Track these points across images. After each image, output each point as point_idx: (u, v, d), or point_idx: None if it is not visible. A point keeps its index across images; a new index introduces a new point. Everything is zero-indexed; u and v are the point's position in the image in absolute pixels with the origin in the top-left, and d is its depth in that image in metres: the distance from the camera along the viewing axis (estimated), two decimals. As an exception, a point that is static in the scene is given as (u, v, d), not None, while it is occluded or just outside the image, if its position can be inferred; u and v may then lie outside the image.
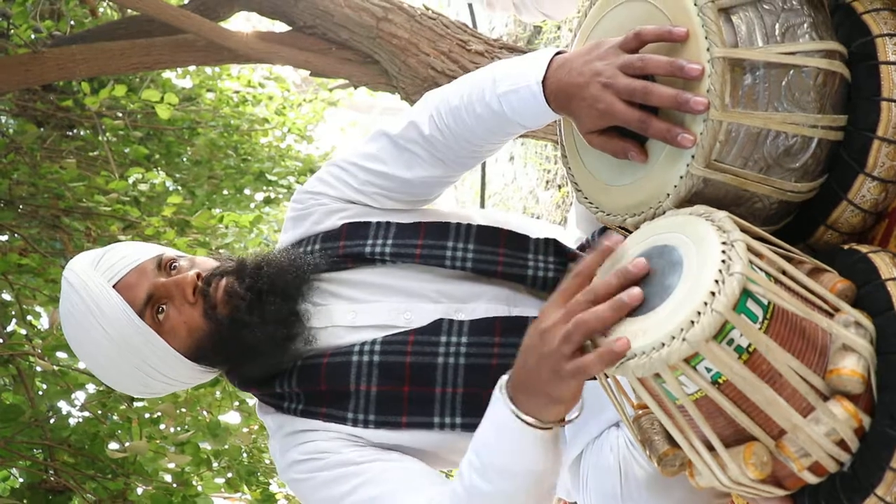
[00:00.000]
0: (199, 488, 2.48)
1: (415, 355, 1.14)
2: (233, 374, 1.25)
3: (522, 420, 0.90)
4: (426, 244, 1.19)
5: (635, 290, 0.80)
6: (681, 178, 0.90)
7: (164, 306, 1.17)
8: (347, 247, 1.21)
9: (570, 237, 1.34)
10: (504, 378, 0.93)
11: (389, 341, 1.15)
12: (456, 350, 1.13)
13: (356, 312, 1.19)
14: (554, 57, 1.00)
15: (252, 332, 1.14)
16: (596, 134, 0.95)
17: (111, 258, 1.19)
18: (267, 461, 2.90)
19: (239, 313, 1.15)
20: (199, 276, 1.18)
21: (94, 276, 1.16)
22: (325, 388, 1.16)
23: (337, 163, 1.27)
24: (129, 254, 1.20)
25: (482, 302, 1.18)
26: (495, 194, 4.87)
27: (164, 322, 1.17)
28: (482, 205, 4.60)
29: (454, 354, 1.13)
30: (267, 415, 1.23)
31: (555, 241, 1.21)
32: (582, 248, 1.26)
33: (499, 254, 1.19)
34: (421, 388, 1.13)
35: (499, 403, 0.92)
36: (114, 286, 1.16)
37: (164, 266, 1.20)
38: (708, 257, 0.77)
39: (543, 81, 0.99)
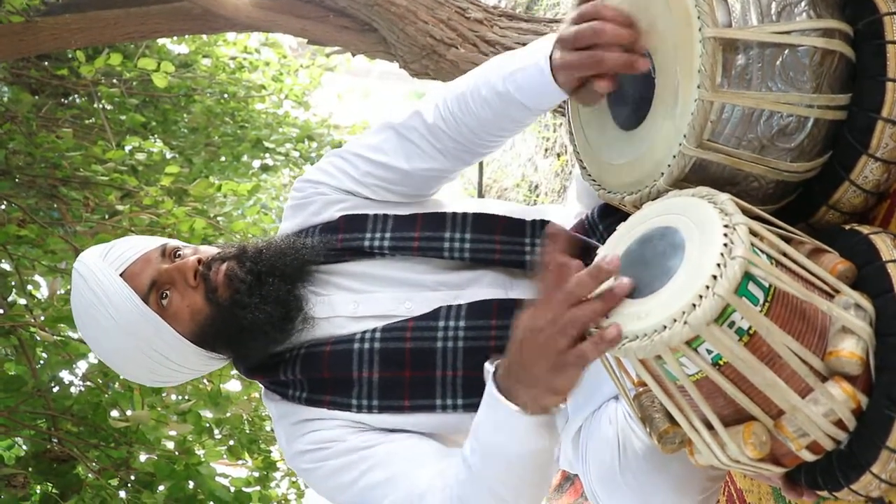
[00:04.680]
0: (202, 456, 2.50)
1: (414, 341, 1.15)
2: (239, 362, 1.27)
3: (517, 408, 0.91)
4: (423, 236, 1.21)
5: (625, 281, 0.82)
6: (673, 157, 0.91)
7: (167, 292, 1.19)
8: (346, 240, 1.23)
9: (570, 212, 1.34)
10: (496, 364, 0.94)
11: (390, 328, 1.17)
12: (454, 334, 1.15)
13: (358, 303, 1.21)
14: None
15: (250, 312, 1.16)
16: (575, 93, 1.00)
17: (119, 249, 1.22)
18: (268, 428, 2.93)
19: (239, 295, 1.17)
20: (200, 261, 1.20)
21: (103, 266, 1.20)
22: (328, 375, 1.18)
23: (340, 154, 1.28)
24: (135, 244, 1.23)
25: (480, 287, 1.20)
26: (493, 161, 4.84)
27: (168, 307, 1.19)
28: (480, 171, 4.58)
29: (452, 339, 1.15)
30: (272, 402, 1.25)
31: (550, 222, 1.21)
32: (581, 225, 1.26)
33: (495, 241, 1.20)
34: (421, 372, 1.15)
35: (493, 391, 0.94)
36: (121, 275, 1.19)
37: (168, 254, 1.22)
38: (710, 240, 0.77)
39: (550, 58, 1.01)
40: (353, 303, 1.21)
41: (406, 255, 1.21)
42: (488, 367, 0.96)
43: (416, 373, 1.15)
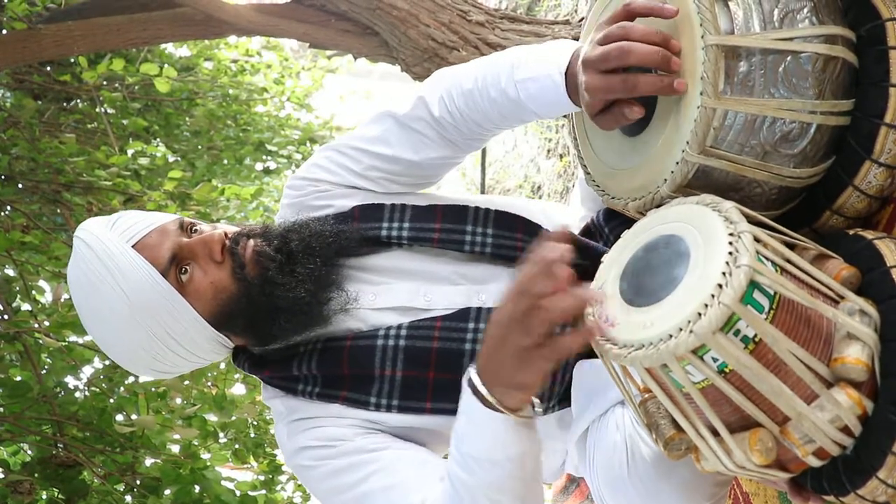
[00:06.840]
0: (207, 460, 2.51)
1: (442, 341, 1.11)
2: (244, 356, 1.20)
3: (493, 409, 0.87)
4: (444, 228, 1.17)
5: (609, 318, 0.82)
6: (676, 163, 0.91)
7: (187, 267, 1.11)
8: (362, 229, 1.18)
9: (575, 215, 1.34)
10: (471, 369, 0.90)
11: (416, 326, 1.13)
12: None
13: (376, 294, 1.17)
14: (576, 51, 1.00)
15: (289, 291, 1.10)
16: (598, 116, 0.94)
17: (127, 220, 1.13)
18: (272, 432, 2.93)
19: (270, 273, 1.10)
20: (226, 234, 1.14)
21: (112, 236, 1.10)
22: (347, 371, 1.13)
23: (336, 147, 1.23)
24: (146, 216, 1.14)
25: (502, 283, 1.16)
26: (496, 161, 4.84)
27: (188, 283, 1.10)
28: (483, 172, 4.58)
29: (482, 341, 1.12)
30: (275, 398, 1.19)
31: (562, 226, 1.21)
32: (587, 230, 1.26)
33: (517, 239, 1.17)
34: (447, 374, 1.10)
35: (467, 394, 0.89)
36: (132, 247, 1.10)
37: (186, 228, 1.15)
38: (715, 249, 0.77)
39: (566, 73, 0.99)
40: (372, 294, 1.16)
41: (425, 246, 1.17)
42: (469, 371, 0.90)
43: (441, 374, 1.11)
